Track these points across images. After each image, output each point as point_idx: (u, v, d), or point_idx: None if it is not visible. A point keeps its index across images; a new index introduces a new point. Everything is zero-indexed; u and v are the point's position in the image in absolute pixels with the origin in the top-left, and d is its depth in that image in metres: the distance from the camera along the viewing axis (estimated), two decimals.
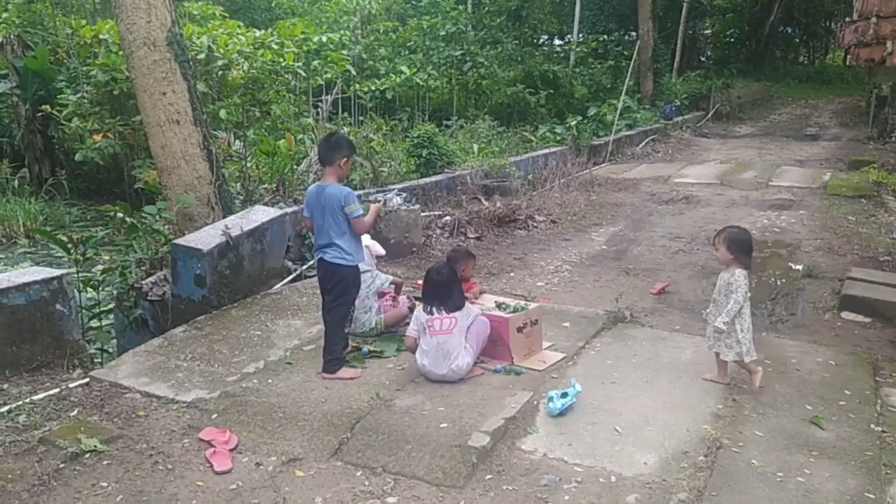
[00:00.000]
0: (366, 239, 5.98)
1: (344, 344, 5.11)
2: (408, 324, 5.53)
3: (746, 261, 4.82)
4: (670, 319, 6.67)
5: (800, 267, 8.17)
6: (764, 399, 4.74)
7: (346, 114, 14.87)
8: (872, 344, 6.07)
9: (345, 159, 4.94)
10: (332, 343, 5.02)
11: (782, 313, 6.87)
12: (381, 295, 5.93)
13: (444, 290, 5.04)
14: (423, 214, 9.36)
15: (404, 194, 9.10)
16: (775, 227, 10.20)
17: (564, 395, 4.55)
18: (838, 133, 21.23)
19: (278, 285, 7.17)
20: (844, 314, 6.72)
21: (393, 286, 5.94)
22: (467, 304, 5.14)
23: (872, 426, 4.44)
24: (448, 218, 9.75)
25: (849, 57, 17.39)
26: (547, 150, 14.66)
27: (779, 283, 7.78)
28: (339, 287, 4.96)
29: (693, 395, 4.80)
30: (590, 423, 4.39)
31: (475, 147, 13.74)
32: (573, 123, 16.37)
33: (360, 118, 15.25)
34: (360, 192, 9.35)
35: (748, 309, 4.80)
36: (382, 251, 6.33)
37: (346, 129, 10.23)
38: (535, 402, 4.65)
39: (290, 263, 7.61)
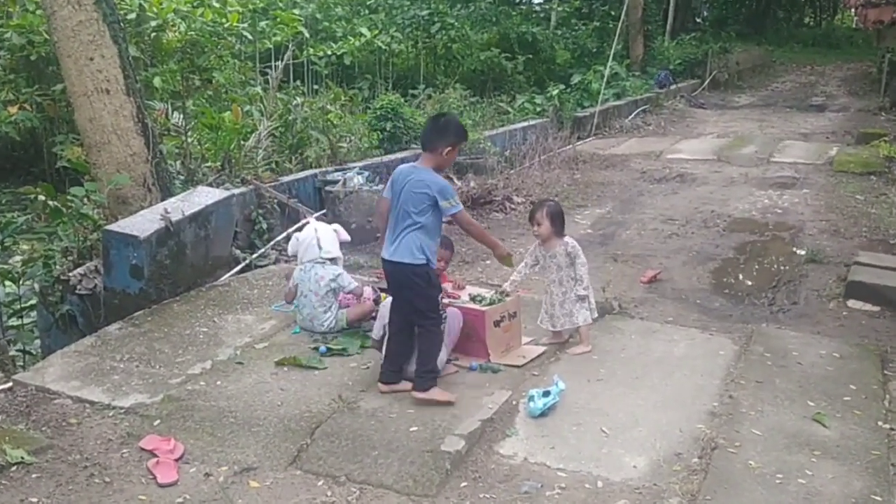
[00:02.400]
0: (318, 225, 6.06)
1: (436, 353, 4.81)
2: (374, 318, 5.62)
3: (562, 231, 5.65)
4: (662, 310, 6.83)
5: (803, 251, 8.39)
6: (763, 395, 4.91)
7: (298, 82, 14.80)
8: (881, 335, 6.28)
9: (450, 148, 4.72)
10: (427, 354, 4.74)
11: (784, 302, 7.07)
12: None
13: None
14: None
15: (366, 173, 9.13)
16: (777, 208, 10.43)
17: (546, 393, 4.66)
18: (847, 103, 21.65)
19: (225, 276, 7.17)
20: (851, 302, 6.92)
21: (356, 289, 5.99)
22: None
23: (880, 423, 4.62)
24: None
25: (856, 19, 17.72)
26: (525, 123, 14.77)
27: (780, 269, 7.98)
28: (415, 291, 4.71)
29: (686, 392, 4.95)
30: (574, 425, 4.51)
31: None
32: (555, 93, 16.49)
33: (315, 87, 15.19)
34: (317, 170, 9.38)
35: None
36: (348, 237, 6.39)
37: (299, 100, 10.19)
38: (515, 402, 4.76)
39: (238, 252, 7.61)
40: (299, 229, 7.32)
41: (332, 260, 5.98)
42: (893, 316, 6.74)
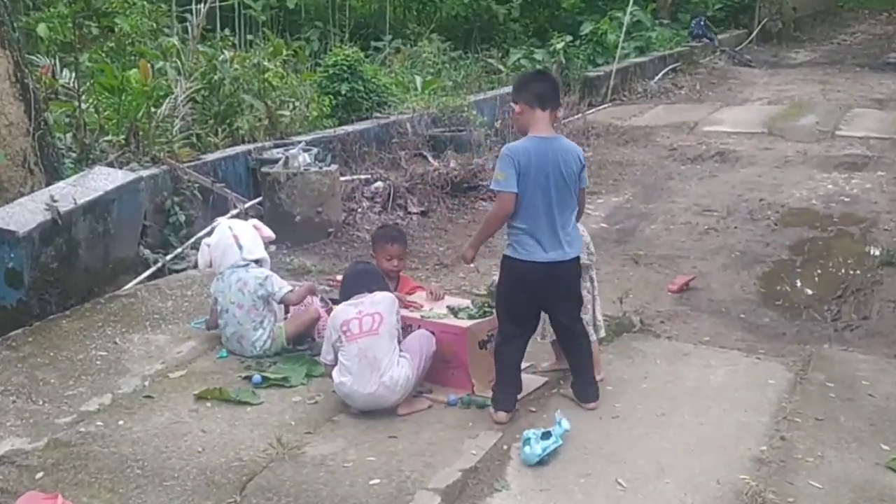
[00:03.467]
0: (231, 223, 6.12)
1: None
2: (320, 337, 5.63)
3: None
4: (696, 327, 6.87)
5: (877, 252, 8.47)
6: (824, 436, 4.94)
7: (227, 31, 14.71)
8: None
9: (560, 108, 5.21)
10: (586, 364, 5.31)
11: (852, 317, 7.13)
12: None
13: (369, 276, 5.34)
14: (342, 179, 9.41)
15: (315, 150, 9.13)
16: (844, 196, 10.51)
17: (546, 435, 4.66)
18: None
19: (131, 283, 7.14)
20: None
21: (290, 296, 5.99)
22: (393, 296, 5.31)
23: None
24: (380, 184, 9.82)
25: None
26: None
27: (848, 274, 8.06)
28: (577, 288, 5.26)
29: (726, 432, 4.97)
30: (582, 475, 4.52)
31: (419, 81, 13.78)
32: (559, 46, 16.53)
33: (250, 37, 15.13)
34: (251, 146, 9.37)
35: None
36: (271, 233, 6.41)
37: (227, 54, 10.16)
38: (506, 447, 4.76)
39: (147, 252, 7.58)
40: (208, 235, 7.31)
41: (257, 262, 5.98)
42: None
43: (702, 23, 21.67)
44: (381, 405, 4.99)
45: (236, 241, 5.95)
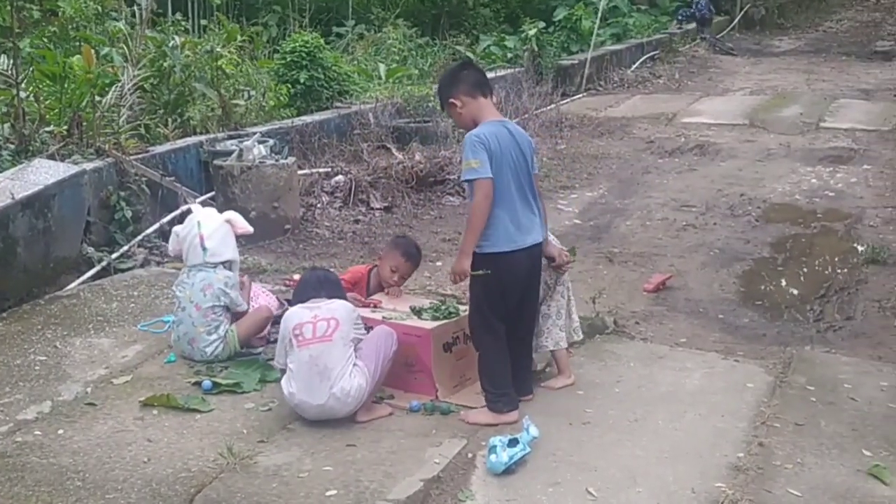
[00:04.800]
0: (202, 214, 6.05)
1: None
2: (273, 341, 5.62)
3: None
4: (672, 328, 6.90)
5: (862, 248, 8.55)
6: (804, 442, 4.98)
7: (179, 15, 14.62)
8: None
9: None
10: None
11: (835, 317, 7.18)
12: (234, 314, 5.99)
13: (329, 284, 5.35)
14: (301, 173, 9.39)
15: (271, 141, 9.10)
16: (828, 191, 10.63)
17: (514, 442, 4.66)
18: None
19: (73, 284, 7.09)
20: None
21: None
22: (353, 306, 5.29)
23: None
24: (341, 178, 9.80)
25: None
26: (492, 75, 14.76)
27: (831, 272, 8.15)
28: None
29: (702, 438, 5.00)
30: (551, 484, 4.53)
31: (383, 69, 13.78)
32: (532, 33, 16.56)
33: (204, 22, 15.05)
34: (203, 137, 9.33)
35: None
36: (248, 227, 6.36)
37: (178, 40, 10.09)
38: (471, 455, 4.75)
39: (91, 250, 7.53)
40: (180, 220, 7.27)
41: (226, 264, 5.94)
42: None
43: (705, 6, 21.67)
44: (332, 417, 4.98)
45: (201, 241, 5.90)
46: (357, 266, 6.25)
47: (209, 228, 5.96)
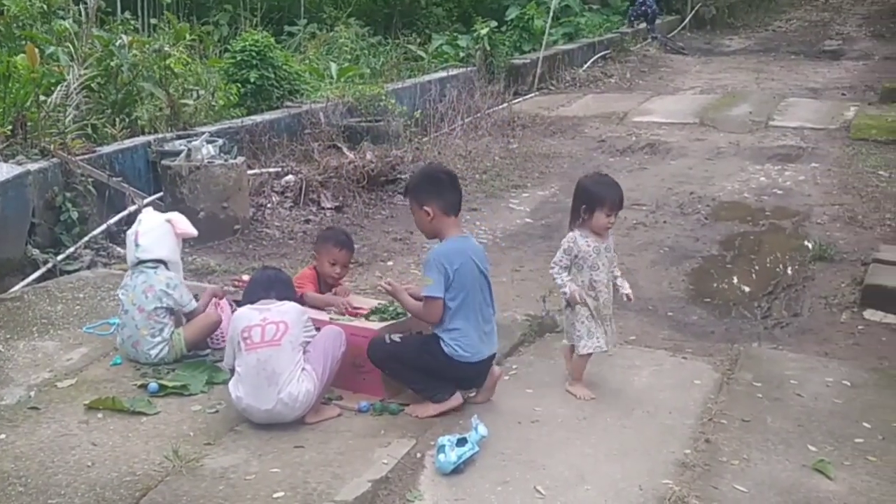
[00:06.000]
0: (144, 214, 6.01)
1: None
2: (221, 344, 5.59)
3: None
4: (622, 326, 6.91)
5: (809, 246, 8.66)
6: (750, 438, 5.03)
7: (128, 14, 14.50)
8: None
9: None
10: None
11: (782, 314, 7.28)
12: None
13: (280, 284, 5.31)
14: (250, 172, 9.34)
15: (220, 141, 9.05)
16: (776, 189, 10.74)
17: (462, 442, 4.66)
18: (869, 48, 22.45)
19: (18, 286, 7.02)
20: (868, 313, 7.17)
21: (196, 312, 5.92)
22: (303, 308, 5.26)
23: None
24: (291, 177, 9.77)
25: None
26: (444, 74, 14.85)
27: (779, 270, 8.24)
28: None
29: (649, 436, 5.03)
30: (500, 483, 4.53)
31: (334, 68, 13.76)
32: (484, 32, 16.60)
33: (153, 21, 14.93)
34: (151, 137, 9.25)
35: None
36: (192, 230, 6.29)
37: (125, 39, 9.98)
38: (419, 455, 4.75)
39: (36, 252, 7.45)
40: (128, 221, 7.21)
41: (164, 264, 5.87)
42: None
43: (652, 5, 21.81)
44: (280, 421, 4.95)
45: (136, 237, 5.84)
46: (302, 272, 6.16)
47: (146, 226, 5.90)
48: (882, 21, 25.99)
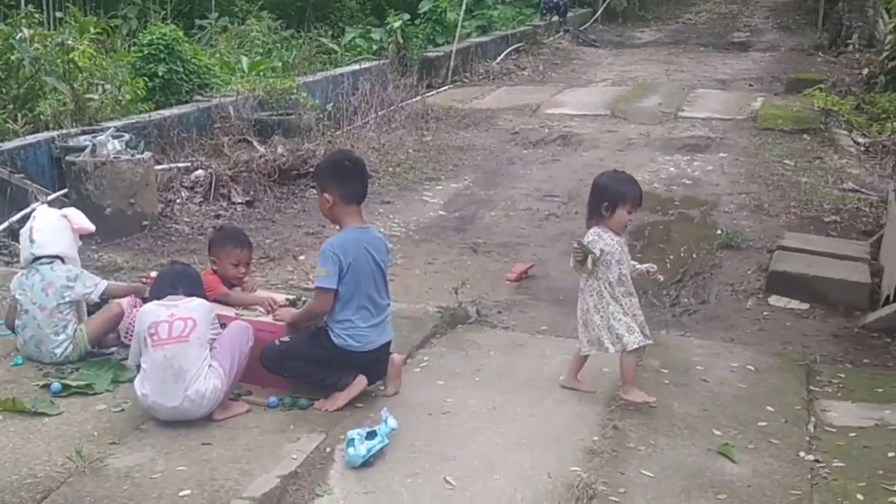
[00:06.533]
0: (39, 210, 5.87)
1: None
2: (127, 341, 5.49)
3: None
4: (534, 316, 7.01)
5: (717, 234, 8.82)
6: (657, 424, 5.10)
7: (31, 6, 14.18)
8: (809, 339, 6.69)
9: None
10: None
11: (689, 301, 7.41)
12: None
13: (189, 279, 5.24)
14: (158, 168, 9.22)
15: (127, 136, 8.92)
16: (685, 178, 10.92)
17: (372, 435, 4.65)
18: (776, 40, 22.93)
19: None
20: (773, 299, 7.34)
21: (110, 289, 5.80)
22: (211, 305, 5.20)
23: (801, 454, 4.88)
24: (201, 172, 9.66)
25: None
26: (357, 67, 14.81)
27: (687, 258, 8.37)
28: None
29: (559, 424, 5.07)
30: (409, 475, 4.53)
31: (245, 62, 13.65)
32: (397, 25, 16.60)
33: (58, 14, 14.64)
34: (55, 133, 9.08)
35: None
36: (89, 225, 6.16)
37: (26, 32, 9.78)
38: (329, 449, 4.73)
39: None
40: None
41: (61, 259, 5.74)
42: (826, 314, 7.20)
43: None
44: (187, 418, 4.88)
45: (30, 233, 5.69)
46: (205, 278, 5.93)
47: (41, 222, 5.74)
48: (788, 13, 26.56)
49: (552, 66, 18.89)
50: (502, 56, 18.77)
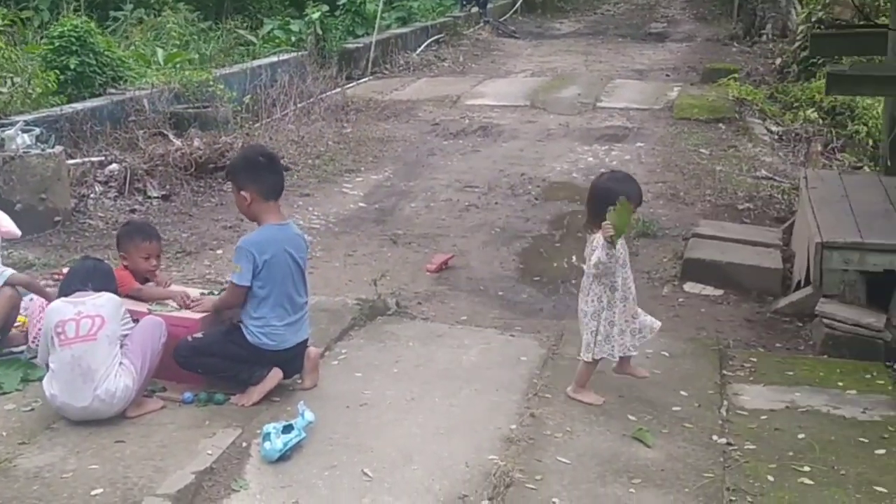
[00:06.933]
0: None
1: None
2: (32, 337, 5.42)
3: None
4: (454, 307, 7.04)
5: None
6: (573, 411, 5.16)
7: None
8: (723, 325, 6.82)
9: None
10: None
11: None
12: None
13: (99, 274, 5.18)
14: (71, 162, 9.06)
15: (37, 130, 8.75)
16: (604, 168, 10.87)
17: (288, 428, 4.64)
18: (692, 30, 23.26)
19: None
20: (688, 286, 7.47)
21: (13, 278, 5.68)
22: (120, 300, 5.13)
23: (714, 438, 4.99)
24: (115, 166, 9.51)
25: None
26: (275, 59, 14.68)
27: None
28: None
29: (476, 413, 5.11)
30: (327, 468, 4.53)
31: (161, 54, 13.46)
32: (316, 17, 16.49)
33: None
34: None
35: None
36: (12, 229, 6.07)
37: None
38: (245, 444, 4.71)
39: None
40: None
41: None
42: (739, 300, 7.33)
43: None
44: (98, 418, 4.83)
45: None
46: (117, 273, 5.83)
47: None
48: (704, 4, 26.88)
49: (472, 58, 18.94)
50: (422, 47, 18.76)
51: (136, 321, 5.09)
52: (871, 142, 11.47)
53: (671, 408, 5.28)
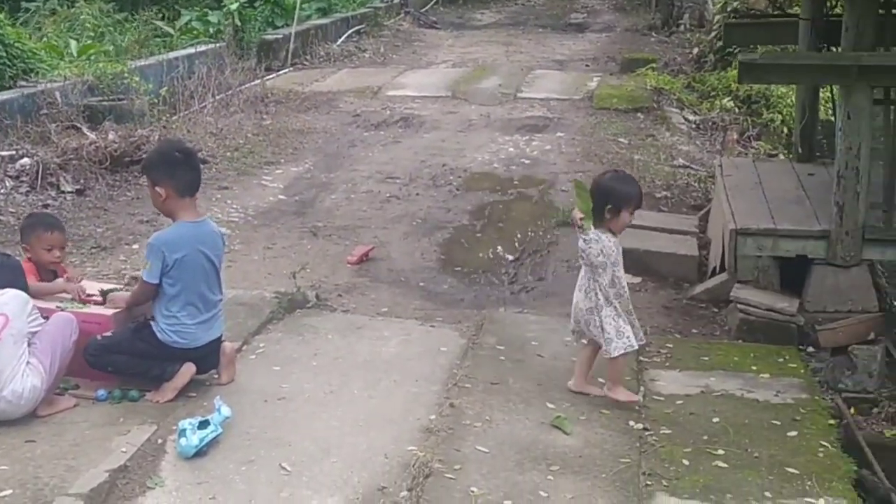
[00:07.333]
0: None
1: None
2: None
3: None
4: (374, 298, 7.03)
5: (554, 212, 8.97)
6: (493, 400, 5.19)
7: None
8: (640, 312, 6.77)
9: None
10: None
11: (527, 279, 7.56)
12: None
13: (5, 270, 5.06)
14: None
15: None
16: (524, 158, 11.07)
17: (204, 424, 4.59)
18: (612, 21, 23.44)
19: None
20: None
21: None
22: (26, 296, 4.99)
23: (631, 423, 5.07)
24: (27, 160, 9.31)
25: None
26: (193, 50, 14.48)
27: (526, 236, 8.50)
28: None
29: (396, 404, 5.12)
30: (244, 463, 4.50)
31: (74, 46, 13.22)
32: (234, 7, 16.32)
33: None
34: None
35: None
36: None
37: None
38: (161, 440, 4.66)
39: None
40: None
41: None
42: (658, 287, 7.43)
43: None
44: (5, 419, 4.72)
45: None
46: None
47: None
48: None
49: (393, 48, 18.88)
50: (343, 38, 18.65)
51: (46, 318, 4.98)
52: (785, 130, 11.69)
53: (589, 395, 5.33)
